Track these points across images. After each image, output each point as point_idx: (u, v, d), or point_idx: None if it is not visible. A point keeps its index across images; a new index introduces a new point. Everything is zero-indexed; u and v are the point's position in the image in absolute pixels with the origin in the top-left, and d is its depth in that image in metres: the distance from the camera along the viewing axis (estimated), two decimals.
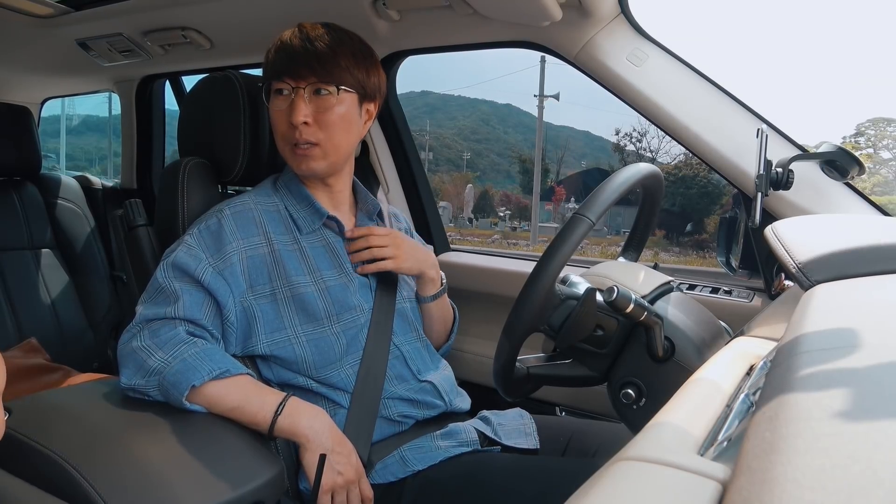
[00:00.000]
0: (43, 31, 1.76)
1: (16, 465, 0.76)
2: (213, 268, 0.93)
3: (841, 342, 0.44)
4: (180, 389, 0.82)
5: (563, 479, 0.88)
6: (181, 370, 0.84)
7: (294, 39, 0.97)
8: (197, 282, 0.92)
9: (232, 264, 0.95)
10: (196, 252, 0.94)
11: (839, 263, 0.68)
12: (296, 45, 0.96)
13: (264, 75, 1.02)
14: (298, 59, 0.95)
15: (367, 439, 0.96)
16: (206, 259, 0.93)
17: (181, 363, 0.84)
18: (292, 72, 0.96)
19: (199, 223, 0.98)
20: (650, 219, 1.08)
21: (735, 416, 0.45)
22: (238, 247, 0.96)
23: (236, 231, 0.97)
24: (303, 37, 0.97)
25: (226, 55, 1.72)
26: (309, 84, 0.96)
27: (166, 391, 0.84)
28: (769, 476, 0.28)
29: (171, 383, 0.83)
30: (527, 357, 0.94)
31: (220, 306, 0.93)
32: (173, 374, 0.83)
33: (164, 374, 0.84)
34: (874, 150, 36.09)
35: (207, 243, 0.95)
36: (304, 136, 0.97)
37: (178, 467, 0.74)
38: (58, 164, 22.78)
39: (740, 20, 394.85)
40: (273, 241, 0.99)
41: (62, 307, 1.93)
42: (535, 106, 28.04)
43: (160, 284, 0.92)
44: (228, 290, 0.94)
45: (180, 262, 0.93)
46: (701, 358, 0.84)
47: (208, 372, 0.84)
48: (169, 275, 0.92)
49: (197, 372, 0.84)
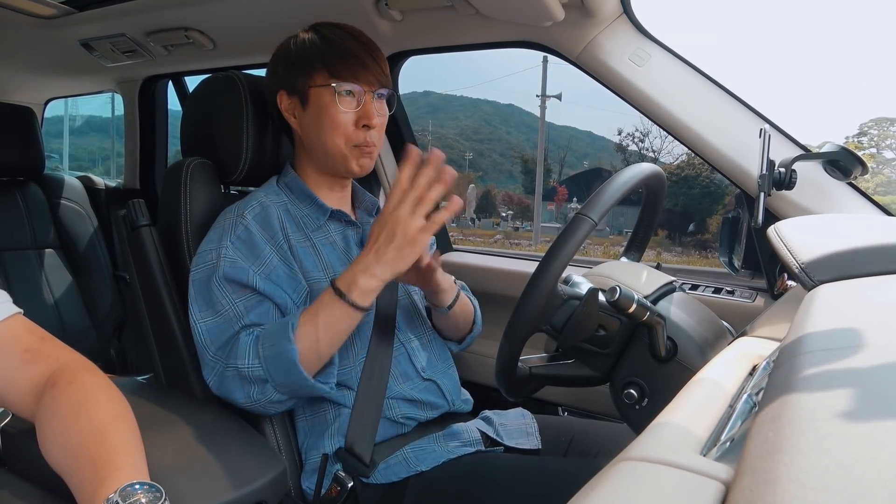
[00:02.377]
0: (46, 31, 1.76)
1: (18, 466, 0.77)
2: (261, 275, 0.95)
3: (844, 342, 0.43)
4: (293, 374, 0.86)
5: (566, 479, 0.88)
6: (276, 366, 0.87)
7: (350, 42, 1.00)
8: (254, 290, 0.94)
9: (274, 267, 0.96)
10: (240, 264, 0.94)
11: (842, 263, 0.68)
12: (359, 50, 1.00)
13: (316, 76, 1.00)
14: (367, 63, 0.99)
15: (370, 439, 0.96)
16: (251, 269, 0.94)
17: (270, 355, 0.87)
18: (363, 77, 0.99)
19: (224, 232, 0.98)
20: (652, 219, 1.08)
21: (738, 417, 0.45)
22: (271, 250, 0.97)
23: (264, 234, 0.98)
24: (357, 39, 1.01)
25: (228, 55, 1.72)
26: (376, 89, 1.01)
27: (286, 385, 0.88)
28: (772, 476, 0.27)
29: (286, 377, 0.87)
30: (529, 357, 0.94)
31: (282, 310, 0.95)
32: (277, 371, 0.87)
33: (271, 377, 0.87)
34: (877, 149, 36.01)
35: (245, 253, 0.96)
36: (371, 138, 1.01)
37: (180, 467, 0.74)
38: (61, 165, 22.82)
39: (743, 20, 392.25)
40: (290, 237, 1.01)
41: (65, 307, 1.94)
42: (537, 106, 28.04)
43: (222, 307, 0.93)
44: (282, 292, 0.96)
45: (231, 276, 0.93)
46: (703, 358, 0.84)
47: (287, 339, 0.86)
48: (226, 292, 0.93)
49: (285, 350, 0.86)
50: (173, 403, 0.95)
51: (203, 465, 0.76)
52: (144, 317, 1.07)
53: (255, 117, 1.10)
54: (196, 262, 0.97)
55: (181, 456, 0.77)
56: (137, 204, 1.07)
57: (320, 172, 1.07)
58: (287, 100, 1.03)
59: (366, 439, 0.95)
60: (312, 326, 0.87)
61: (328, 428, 0.98)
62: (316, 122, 1.01)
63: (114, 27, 1.68)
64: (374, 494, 0.95)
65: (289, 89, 1.03)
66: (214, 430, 0.86)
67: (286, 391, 0.89)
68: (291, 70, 1.01)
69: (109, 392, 0.67)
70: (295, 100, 1.03)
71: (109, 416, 0.64)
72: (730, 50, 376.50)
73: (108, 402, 0.66)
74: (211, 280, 0.94)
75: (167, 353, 1.05)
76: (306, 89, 1.01)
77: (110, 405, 0.65)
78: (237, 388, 0.90)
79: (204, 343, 0.93)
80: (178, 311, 1.04)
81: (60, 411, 0.64)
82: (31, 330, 0.71)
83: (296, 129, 1.05)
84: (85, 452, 0.60)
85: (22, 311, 0.73)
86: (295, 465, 1.00)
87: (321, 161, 1.05)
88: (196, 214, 1.07)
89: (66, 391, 0.65)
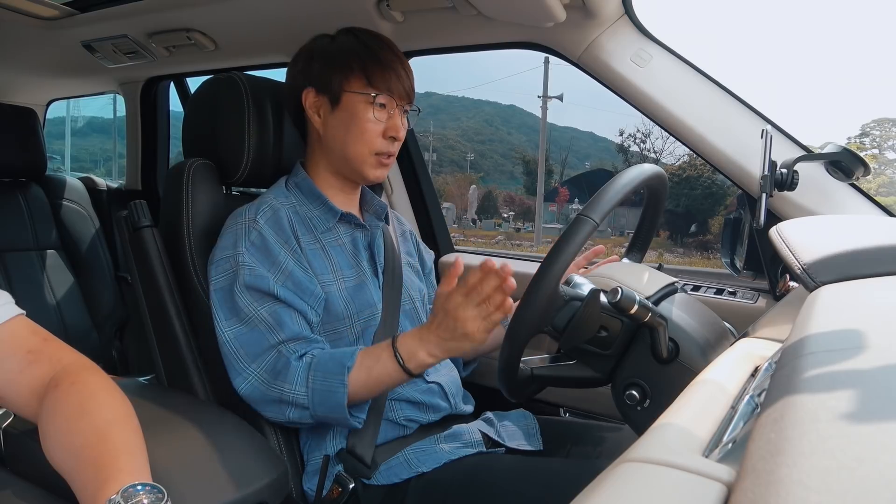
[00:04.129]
0: (48, 32, 1.76)
1: (21, 467, 0.77)
2: (279, 282, 0.95)
3: (846, 343, 0.43)
4: (336, 413, 0.90)
5: (567, 480, 0.87)
6: (322, 400, 0.90)
7: (390, 56, 1.03)
8: (276, 297, 0.94)
9: (290, 272, 0.97)
10: (259, 271, 0.95)
11: (844, 264, 0.68)
12: (397, 65, 1.03)
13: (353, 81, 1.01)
14: (403, 80, 1.03)
15: (371, 439, 0.96)
16: (269, 276, 0.95)
17: (319, 389, 0.90)
18: (397, 91, 1.02)
19: (238, 237, 0.98)
20: (654, 220, 1.08)
21: (740, 418, 0.45)
22: (286, 254, 0.98)
23: (277, 238, 0.98)
24: (394, 53, 1.04)
25: (230, 57, 1.72)
26: (405, 104, 1.05)
27: (324, 418, 0.92)
28: (774, 478, 0.27)
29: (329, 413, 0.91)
30: (531, 358, 0.94)
31: (301, 312, 0.96)
32: (322, 406, 0.90)
33: (313, 407, 0.91)
34: (879, 150, 35.96)
35: (261, 259, 0.96)
36: (393, 149, 1.05)
37: (182, 468, 0.74)
38: (63, 166, 22.86)
39: (745, 20, 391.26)
40: (300, 239, 1.01)
41: (67, 308, 1.94)
42: (538, 107, 28.05)
43: (247, 314, 0.94)
44: (299, 297, 0.96)
45: (252, 284, 0.94)
46: (705, 359, 0.84)
47: (340, 383, 0.89)
48: (248, 300, 0.94)
49: (337, 392, 0.89)
50: (175, 404, 0.95)
51: (205, 466, 0.76)
52: (146, 317, 1.07)
53: (257, 118, 1.10)
54: (216, 271, 0.98)
55: (183, 457, 0.77)
56: (139, 205, 1.07)
57: (334, 174, 1.08)
58: (315, 98, 1.04)
59: (367, 440, 0.96)
60: (365, 377, 0.90)
61: (330, 429, 0.98)
62: (344, 125, 1.02)
63: (116, 28, 1.68)
64: (376, 496, 0.95)
65: (320, 88, 1.03)
66: (216, 430, 0.86)
67: (321, 420, 0.92)
68: (328, 69, 1.02)
69: (112, 393, 0.67)
70: (324, 99, 1.03)
71: (112, 417, 0.64)
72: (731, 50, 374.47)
73: (111, 403, 0.66)
74: (233, 288, 0.95)
75: (169, 354, 1.05)
76: (340, 92, 1.01)
77: (113, 406, 0.66)
78: (272, 405, 0.92)
79: (234, 351, 0.94)
80: (179, 312, 1.04)
81: (63, 412, 0.64)
82: (34, 331, 0.72)
83: (317, 128, 1.05)
84: (87, 453, 0.60)
85: (25, 313, 0.73)
86: (296, 466, 1.00)
87: (339, 164, 1.06)
88: (198, 215, 1.07)
89: (68, 392, 0.65)
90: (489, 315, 0.85)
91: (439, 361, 0.91)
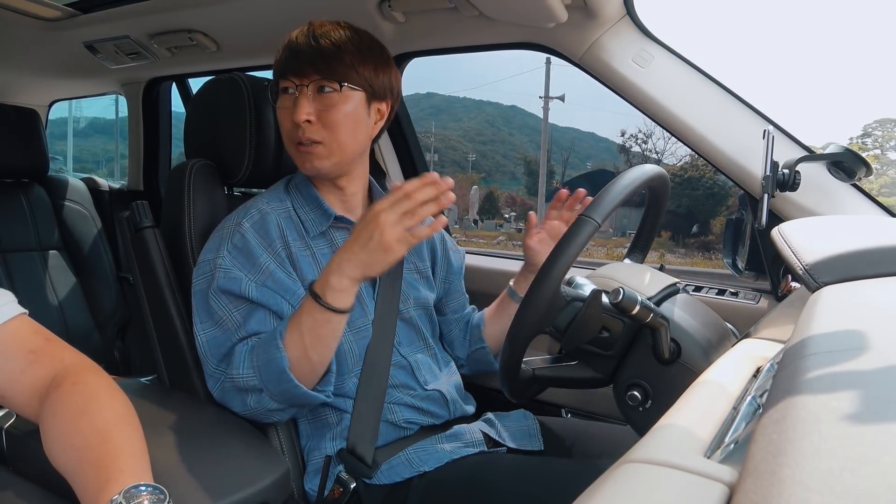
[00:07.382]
0: (50, 33, 1.77)
1: (22, 467, 0.77)
2: (256, 282, 0.93)
3: (848, 344, 0.43)
4: (284, 382, 0.85)
5: (569, 481, 0.87)
6: (268, 374, 0.86)
7: (300, 38, 0.96)
8: (248, 300, 0.93)
9: (272, 272, 0.95)
10: (234, 273, 0.93)
11: (846, 265, 0.68)
12: (301, 43, 0.95)
13: (273, 74, 1.02)
14: (303, 56, 0.94)
15: (371, 439, 0.96)
16: (245, 278, 0.93)
17: (262, 364, 0.87)
18: (296, 70, 0.95)
19: (222, 241, 0.96)
20: (656, 220, 1.08)
21: (742, 419, 0.45)
22: (267, 257, 0.96)
23: (261, 241, 0.97)
24: (308, 34, 0.96)
25: (232, 57, 1.73)
26: (312, 82, 0.94)
27: (280, 394, 0.87)
28: (776, 479, 0.27)
29: (280, 386, 0.86)
30: (532, 359, 0.94)
31: (280, 315, 0.94)
32: (270, 381, 0.86)
33: (264, 384, 0.87)
34: (881, 151, 35.89)
35: (241, 261, 0.95)
36: (306, 135, 0.95)
37: (184, 468, 0.74)
38: (65, 166, 22.90)
39: (746, 21, 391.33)
40: (290, 244, 0.99)
41: (69, 308, 1.94)
42: (540, 107, 28.01)
43: (220, 317, 0.93)
44: (278, 298, 0.94)
45: (225, 287, 0.93)
46: (707, 360, 0.84)
47: (276, 347, 0.85)
48: (223, 303, 0.93)
49: (275, 359, 0.85)
50: (177, 405, 0.95)
51: (206, 467, 0.76)
52: (148, 318, 1.07)
53: (259, 119, 1.10)
54: (196, 273, 0.97)
55: (185, 457, 0.77)
56: (141, 205, 1.07)
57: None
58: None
59: (367, 440, 0.95)
60: (298, 333, 0.85)
61: (330, 430, 0.98)
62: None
63: (118, 29, 1.69)
64: (377, 495, 0.95)
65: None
66: (218, 431, 0.86)
67: (282, 399, 0.89)
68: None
69: (113, 393, 0.67)
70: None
71: (113, 418, 0.64)
72: (733, 51, 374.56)
73: (113, 404, 0.66)
74: (208, 291, 0.94)
75: (170, 355, 1.05)
76: (271, 89, 1.01)
77: (114, 406, 0.66)
78: (234, 397, 0.90)
79: (205, 354, 0.93)
80: (181, 313, 1.04)
81: (64, 412, 0.64)
82: (36, 331, 0.72)
83: None
84: (89, 454, 0.60)
85: (27, 312, 0.73)
86: (298, 466, 1.00)
87: None
88: (199, 216, 1.07)
89: (70, 392, 0.65)
90: (413, 228, 0.80)
91: (353, 285, 0.84)
